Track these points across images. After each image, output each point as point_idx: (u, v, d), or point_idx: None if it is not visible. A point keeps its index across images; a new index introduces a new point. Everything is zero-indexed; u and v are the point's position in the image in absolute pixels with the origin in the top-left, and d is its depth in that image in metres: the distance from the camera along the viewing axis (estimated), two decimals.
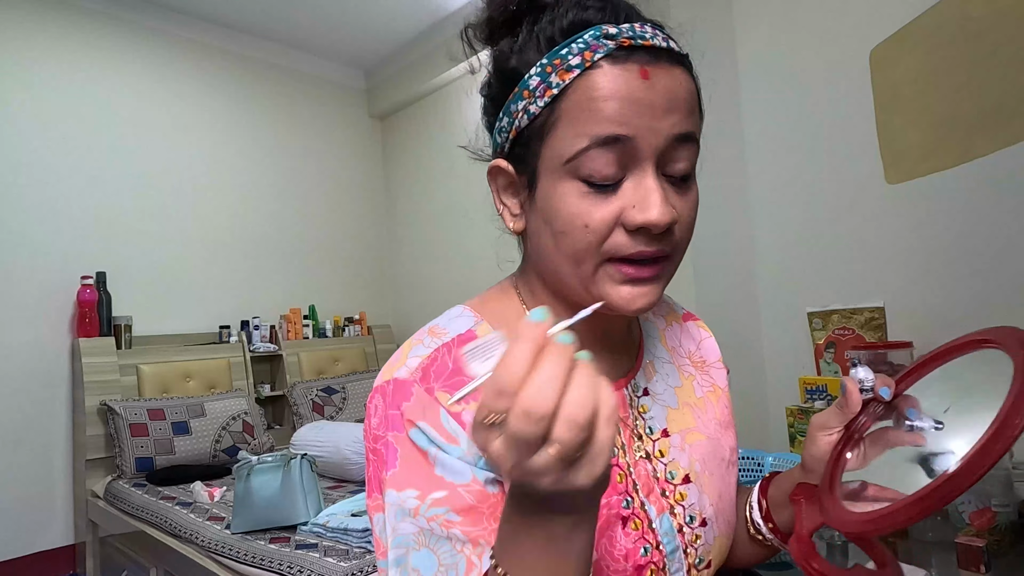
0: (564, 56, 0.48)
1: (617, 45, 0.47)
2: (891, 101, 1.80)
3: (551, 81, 0.48)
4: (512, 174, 0.54)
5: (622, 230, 0.49)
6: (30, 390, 2.81)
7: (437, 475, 0.48)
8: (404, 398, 0.50)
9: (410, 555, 0.46)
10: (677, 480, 0.58)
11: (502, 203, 0.56)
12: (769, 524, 0.62)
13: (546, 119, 0.49)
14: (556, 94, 0.48)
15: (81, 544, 2.84)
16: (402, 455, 0.49)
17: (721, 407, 0.66)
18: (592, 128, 0.47)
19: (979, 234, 1.62)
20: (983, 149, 1.59)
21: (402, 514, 0.47)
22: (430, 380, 0.50)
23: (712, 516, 0.59)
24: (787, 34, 2.09)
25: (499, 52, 0.54)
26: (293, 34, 3.71)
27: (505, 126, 0.53)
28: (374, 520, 0.52)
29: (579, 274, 0.51)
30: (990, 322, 0.53)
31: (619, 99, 0.47)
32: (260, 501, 1.87)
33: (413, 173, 4.06)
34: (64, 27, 3.04)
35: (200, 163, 3.46)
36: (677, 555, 0.56)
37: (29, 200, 2.87)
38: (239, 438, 2.93)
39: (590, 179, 0.48)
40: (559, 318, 0.35)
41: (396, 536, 0.47)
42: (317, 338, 3.75)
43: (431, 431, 0.49)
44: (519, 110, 0.51)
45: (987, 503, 1.10)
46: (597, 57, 0.47)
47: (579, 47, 0.48)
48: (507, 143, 0.53)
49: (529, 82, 0.50)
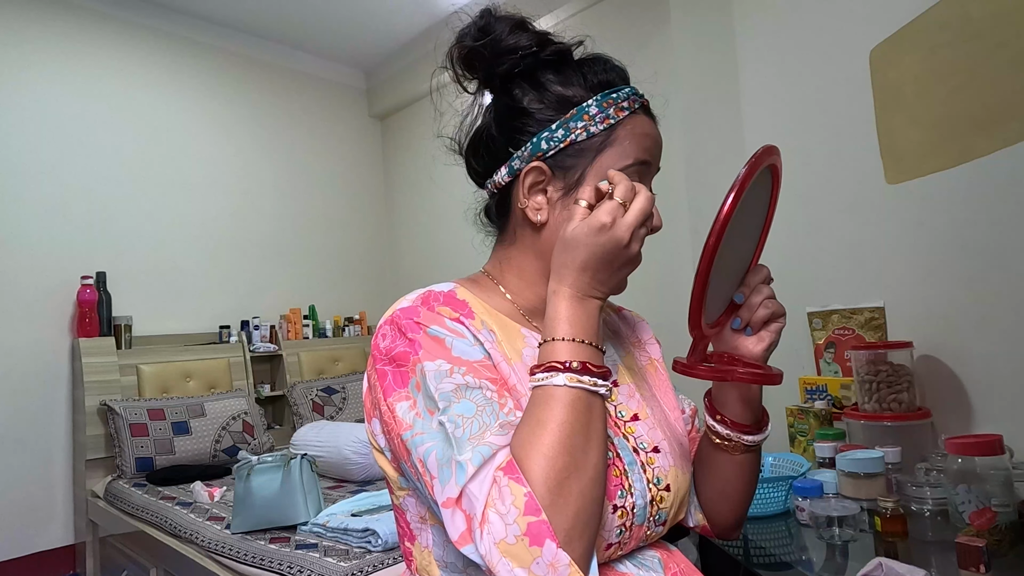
0: (615, 99, 0.67)
1: (643, 103, 0.70)
2: (891, 101, 1.80)
3: (608, 113, 0.67)
4: (547, 175, 0.68)
5: None
6: (30, 390, 2.81)
7: (455, 356, 0.61)
8: (414, 314, 0.63)
9: (452, 407, 0.57)
10: (627, 418, 0.71)
11: (525, 196, 0.69)
12: (717, 416, 0.73)
13: (604, 139, 0.67)
14: (612, 123, 0.67)
15: (81, 544, 2.84)
16: (425, 345, 0.61)
17: (659, 374, 0.82)
18: (637, 153, 0.67)
19: (979, 234, 1.62)
20: (983, 149, 1.59)
21: (440, 376, 0.59)
22: (429, 304, 0.65)
23: (664, 445, 0.70)
24: (787, 34, 2.09)
25: (542, 76, 0.69)
26: (293, 34, 3.71)
27: (559, 137, 0.67)
28: (396, 408, 0.60)
29: None
30: (990, 322, 0.54)
31: (651, 138, 0.69)
32: (260, 501, 1.87)
33: (413, 173, 4.06)
34: (64, 27, 3.04)
35: (200, 163, 3.47)
36: (636, 469, 0.66)
37: (29, 200, 2.87)
38: (239, 438, 2.93)
39: None
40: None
41: (440, 392, 0.58)
42: (317, 338, 3.75)
43: (442, 330, 0.62)
44: (579, 128, 0.66)
45: (987, 503, 1.10)
46: (636, 106, 0.69)
47: (625, 95, 0.68)
48: (553, 151, 0.67)
49: (588, 109, 0.67)
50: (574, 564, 0.50)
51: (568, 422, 0.54)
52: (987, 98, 1.58)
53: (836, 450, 1.54)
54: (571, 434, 0.54)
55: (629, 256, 0.60)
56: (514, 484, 0.52)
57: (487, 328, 0.66)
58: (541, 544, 0.50)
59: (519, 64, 0.69)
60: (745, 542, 1.28)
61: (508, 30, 0.68)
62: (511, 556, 0.49)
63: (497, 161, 0.71)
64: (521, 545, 0.50)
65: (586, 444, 0.54)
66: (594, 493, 0.54)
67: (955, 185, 1.65)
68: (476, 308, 0.67)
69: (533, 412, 0.56)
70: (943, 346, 1.67)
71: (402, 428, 0.59)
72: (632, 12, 2.76)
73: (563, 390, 0.55)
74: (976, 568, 0.96)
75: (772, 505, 1.37)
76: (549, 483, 0.51)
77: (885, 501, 1.18)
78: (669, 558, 0.70)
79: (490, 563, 0.50)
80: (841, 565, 1.14)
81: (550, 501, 0.51)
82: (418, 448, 0.57)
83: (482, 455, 0.54)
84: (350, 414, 3.37)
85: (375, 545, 1.65)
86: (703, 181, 2.27)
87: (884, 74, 1.81)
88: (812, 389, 1.88)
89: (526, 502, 0.51)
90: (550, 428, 0.54)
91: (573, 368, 0.56)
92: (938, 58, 1.67)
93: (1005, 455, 1.16)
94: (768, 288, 0.72)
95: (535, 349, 0.67)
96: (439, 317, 0.63)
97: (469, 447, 0.54)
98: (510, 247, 0.74)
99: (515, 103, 0.69)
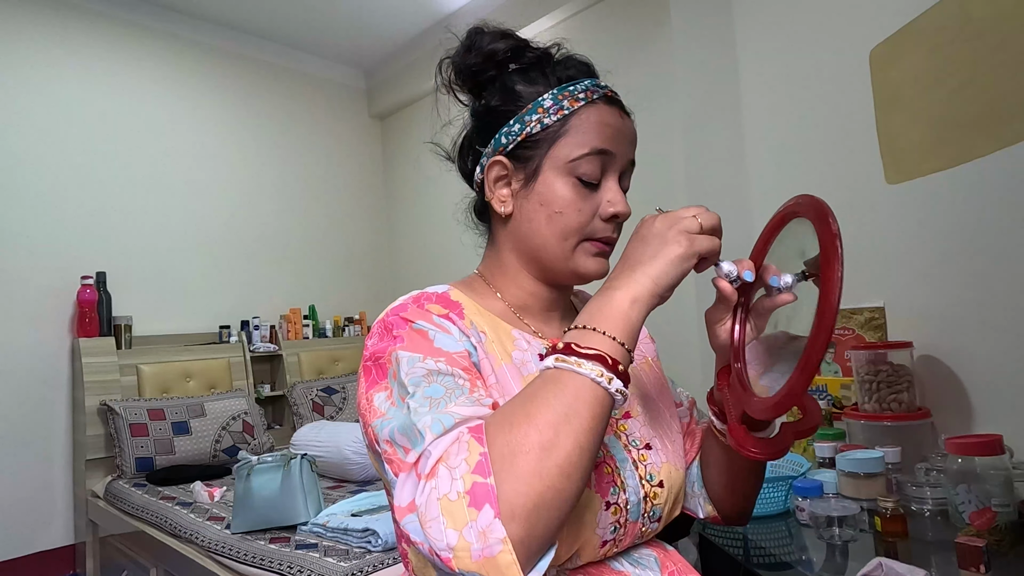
0: (572, 91, 0.69)
1: (605, 93, 0.70)
2: (891, 101, 1.80)
3: (563, 104, 0.68)
4: (509, 168, 0.71)
5: (598, 218, 0.69)
6: (30, 390, 2.81)
7: (436, 347, 0.61)
8: (403, 311, 0.65)
9: (420, 389, 0.57)
10: (619, 415, 0.71)
11: (491, 190, 0.72)
12: (722, 419, 0.70)
13: (557, 129, 0.68)
14: (566, 114, 0.68)
15: (81, 544, 2.84)
16: (407, 337, 0.62)
17: (653, 371, 0.82)
18: (592, 141, 0.67)
19: (979, 234, 1.62)
20: (983, 149, 1.59)
21: (414, 361, 0.59)
22: (420, 302, 0.67)
23: (656, 441, 0.71)
24: (787, 34, 2.09)
25: (508, 78, 0.72)
26: (293, 34, 3.71)
27: (516, 131, 0.69)
28: (374, 399, 0.60)
29: (564, 247, 0.69)
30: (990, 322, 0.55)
31: (611, 127, 0.69)
32: (260, 501, 1.87)
33: (413, 173, 4.06)
34: (64, 27, 3.04)
35: (201, 163, 3.47)
36: (627, 466, 0.67)
37: (29, 200, 2.87)
38: (239, 438, 2.93)
39: (582, 177, 0.68)
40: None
41: (411, 377, 0.58)
42: (317, 338, 3.75)
43: (427, 324, 0.64)
44: (533, 121, 0.68)
45: (987, 503, 1.10)
46: (595, 97, 0.69)
47: (583, 87, 0.69)
48: (512, 144, 0.70)
49: (543, 102, 0.69)
50: (508, 541, 0.46)
51: (562, 404, 0.50)
52: (987, 98, 1.58)
53: (836, 450, 1.54)
54: (557, 416, 0.50)
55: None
56: (473, 442, 0.50)
57: (477, 329, 0.67)
58: (480, 508, 0.46)
59: (493, 69, 0.73)
60: (745, 542, 1.28)
61: (488, 41, 0.72)
62: (448, 514, 0.47)
63: (476, 161, 0.75)
64: (460, 504, 0.47)
65: (568, 431, 0.49)
66: (557, 481, 0.48)
67: (955, 185, 1.65)
68: (468, 309, 0.68)
69: (527, 387, 0.54)
70: (943, 346, 1.67)
71: (374, 416, 0.58)
72: (632, 12, 2.76)
73: (567, 374, 0.52)
74: (976, 568, 0.96)
75: (772, 505, 1.37)
76: (509, 448, 0.49)
77: (885, 501, 1.18)
78: (666, 557, 0.71)
79: (423, 519, 0.47)
80: (841, 565, 1.14)
81: (502, 467, 0.48)
82: (383, 431, 0.56)
83: (442, 423, 0.52)
84: (350, 414, 3.37)
85: (375, 545, 1.65)
86: (703, 181, 2.27)
87: (884, 74, 1.81)
88: (812, 389, 1.87)
89: (478, 461, 0.48)
90: (536, 403, 0.51)
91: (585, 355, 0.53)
92: (938, 58, 1.67)
93: (1005, 455, 1.16)
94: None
95: (524, 352, 0.68)
96: (427, 313, 0.65)
97: (429, 416, 0.53)
98: (492, 246, 0.77)
99: (486, 105, 0.73)
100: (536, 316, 0.74)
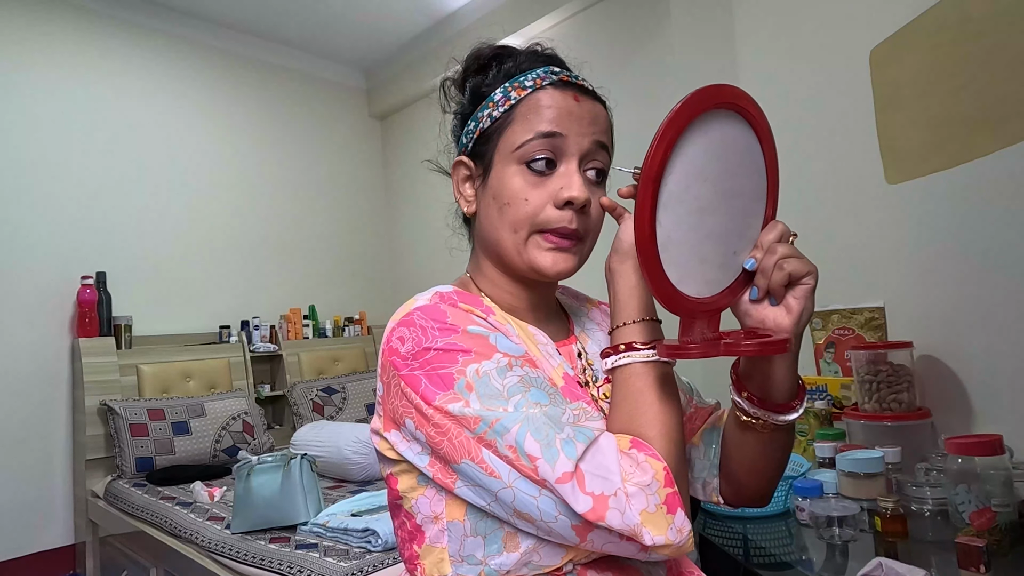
0: (521, 80, 0.68)
1: (559, 79, 0.68)
2: (891, 101, 1.80)
3: (510, 95, 0.68)
4: (471, 167, 0.71)
5: (552, 206, 0.66)
6: (30, 390, 2.81)
7: (502, 351, 0.61)
8: (441, 315, 0.63)
9: (528, 394, 0.58)
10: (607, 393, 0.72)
11: (459, 192, 0.73)
12: (744, 393, 0.67)
13: (504, 120, 0.68)
14: (513, 103, 0.67)
15: (81, 544, 2.84)
16: (470, 344, 0.60)
17: None
18: (537, 125, 0.66)
19: (979, 234, 1.62)
20: (983, 149, 1.59)
21: (502, 372, 0.59)
22: (451, 301, 0.65)
23: None
24: (787, 34, 2.09)
25: (474, 83, 0.72)
26: (293, 34, 3.71)
27: (471, 129, 0.70)
28: (451, 410, 0.58)
29: (515, 240, 0.67)
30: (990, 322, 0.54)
31: (557, 109, 0.66)
32: (260, 501, 1.87)
33: (413, 173, 4.06)
34: (64, 27, 3.04)
35: (200, 163, 3.46)
36: None
37: (29, 200, 2.87)
38: (239, 438, 2.93)
39: (532, 165, 0.66)
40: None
41: (508, 388, 0.58)
42: (317, 338, 3.75)
43: (482, 329, 0.62)
44: (484, 116, 0.69)
45: (987, 503, 1.10)
46: (545, 83, 0.67)
47: (532, 76, 0.68)
48: (471, 143, 0.71)
49: (494, 97, 0.69)
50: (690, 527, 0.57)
51: (660, 399, 0.60)
52: (987, 98, 1.58)
53: (836, 450, 1.54)
54: (667, 408, 0.60)
55: None
56: (652, 460, 0.57)
57: (507, 323, 0.69)
58: (674, 512, 0.55)
59: (470, 76, 0.74)
60: (745, 542, 1.28)
61: (476, 54, 0.73)
62: (650, 524, 0.54)
63: None
64: (660, 513, 0.55)
65: (679, 415, 0.62)
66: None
67: (955, 185, 1.65)
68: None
69: (629, 393, 0.61)
70: (943, 346, 1.67)
71: (470, 425, 0.57)
72: (632, 12, 2.76)
73: (643, 367, 0.61)
74: (976, 568, 0.96)
75: (772, 505, 1.37)
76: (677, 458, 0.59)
77: (885, 501, 1.18)
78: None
79: (633, 532, 0.54)
80: (841, 565, 1.14)
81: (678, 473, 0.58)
82: (504, 436, 0.55)
83: (586, 436, 0.57)
84: (350, 414, 3.37)
85: (375, 545, 1.65)
86: None
87: (884, 74, 1.81)
88: (812, 389, 1.88)
89: (665, 476, 0.56)
90: (656, 408, 0.60)
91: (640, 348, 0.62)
92: (938, 58, 1.67)
93: (1005, 455, 1.16)
94: (785, 247, 0.61)
95: (544, 346, 0.71)
96: (468, 315, 0.64)
97: (568, 429, 0.57)
98: (472, 248, 0.78)
99: (457, 112, 0.75)
100: (524, 317, 0.73)
